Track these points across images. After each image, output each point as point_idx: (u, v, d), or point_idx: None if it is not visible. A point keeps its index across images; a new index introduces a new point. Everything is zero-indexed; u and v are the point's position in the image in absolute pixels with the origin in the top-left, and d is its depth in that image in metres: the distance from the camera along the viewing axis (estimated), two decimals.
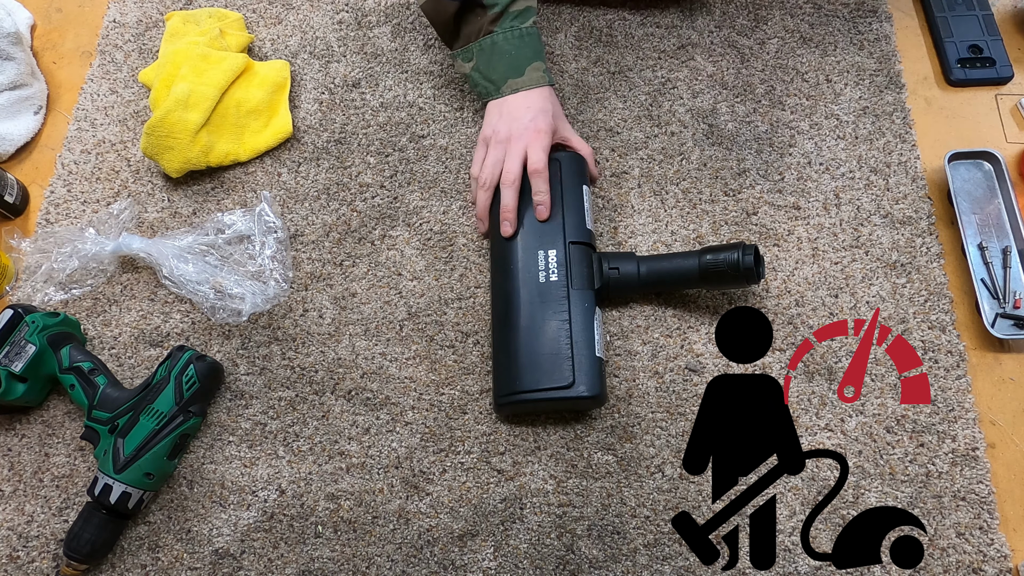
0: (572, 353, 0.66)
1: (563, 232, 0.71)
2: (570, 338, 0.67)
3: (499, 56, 0.74)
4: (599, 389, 0.65)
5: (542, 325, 0.68)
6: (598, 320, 0.69)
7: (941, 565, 0.64)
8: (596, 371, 0.66)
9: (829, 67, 0.85)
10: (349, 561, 0.67)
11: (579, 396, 0.65)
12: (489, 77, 0.75)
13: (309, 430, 0.72)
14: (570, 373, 0.65)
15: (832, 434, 0.69)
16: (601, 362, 0.67)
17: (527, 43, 0.74)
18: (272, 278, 0.76)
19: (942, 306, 0.73)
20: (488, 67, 0.74)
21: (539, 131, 0.72)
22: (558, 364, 0.66)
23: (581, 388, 0.65)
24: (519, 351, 0.68)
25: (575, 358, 0.66)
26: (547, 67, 0.76)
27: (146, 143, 0.79)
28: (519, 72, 0.74)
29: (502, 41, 0.73)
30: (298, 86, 0.88)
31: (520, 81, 0.74)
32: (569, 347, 0.66)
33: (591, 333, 0.67)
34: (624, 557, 0.66)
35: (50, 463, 0.71)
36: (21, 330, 0.70)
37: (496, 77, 0.74)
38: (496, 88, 0.74)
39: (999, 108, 0.84)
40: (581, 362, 0.66)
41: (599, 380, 0.66)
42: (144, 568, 0.68)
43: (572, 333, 0.67)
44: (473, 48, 0.75)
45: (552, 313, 0.68)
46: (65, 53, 0.93)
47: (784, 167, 0.80)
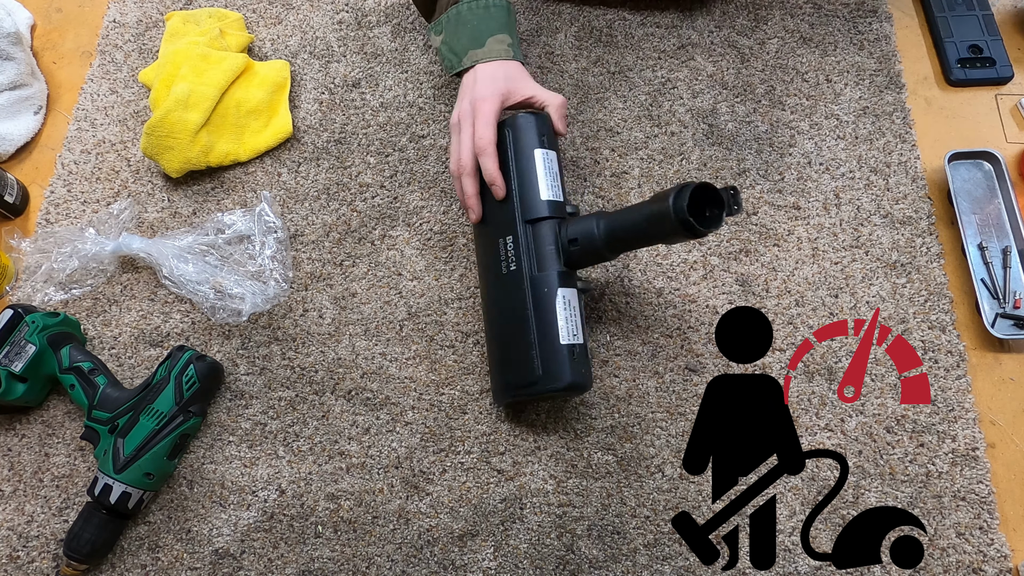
0: (536, 345, 0.63)
1: (517, 212, 0.66)
2: (532, 330, 0.63)
3: (463, 26, 0.72)
4: (568, 379, 0.61)
5: (509, 319, 0.65)
6: (565, 302, 0.63)
7: (941, 565, 0.64)
8: (562, 360, 0.62)
9: (829, 67, 0.85)
10: (349, 561, 0.67)
11: (549, 390, 0.62)
12: (453, 48, 0.73)
13: (309, 430, 0.72)
14: (537, 366, 0.62)
15: (832, 434, 0.69)
16: (569, 349, 0.62)
17: (492, 15, 0.72)
18: (272, 278, 0.76)
19: (942, 306, 0.73)
20: (453, 38, 0.73)
21: (483, 100, 0.68)
22: (526, 359, 0.63)
23: (548, 383, 0.62)
24: (495, 348, 0.68)
25: (539, 350, 0.62)
26: (516, 42, 0.73)
27: (146, 143, 0.79)
28: (480, 43, 0.71)
29: (466, 11, 0.72)
30: (298, 86, 0.88)
31: (480, 52, 0.71)
32: (533, 340, 0.63)
33: (553, 320, 0.62)
34: (624, 557, 0.66)
35: (50, 463, 0.71)
36: (21, 330, 0.70)
37: (459, 48, 0.72)
38: (458, 60, 0.72)
39: (999, 108, 0.84)
40: (546, 354, 0.62)
41: (566, 369, 0.62)
42: (144, 568, 0.68)
43: (534, 324, 0.63)
44: (443, 19, 0.74)
45: (515, 305, 0.65)
46: (65, 53, 0.93)
47: (784, 167, 0.80)
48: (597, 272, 0.76)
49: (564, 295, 0.63)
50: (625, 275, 0.76)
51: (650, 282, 0.76)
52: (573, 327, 0.63)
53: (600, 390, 0.72)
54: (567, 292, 0.64)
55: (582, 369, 0.63)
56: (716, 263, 0.76)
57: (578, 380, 0.62)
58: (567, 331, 0.63)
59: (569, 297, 0.64)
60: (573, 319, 0.63)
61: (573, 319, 0.63)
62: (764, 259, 0.76)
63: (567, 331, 0.63)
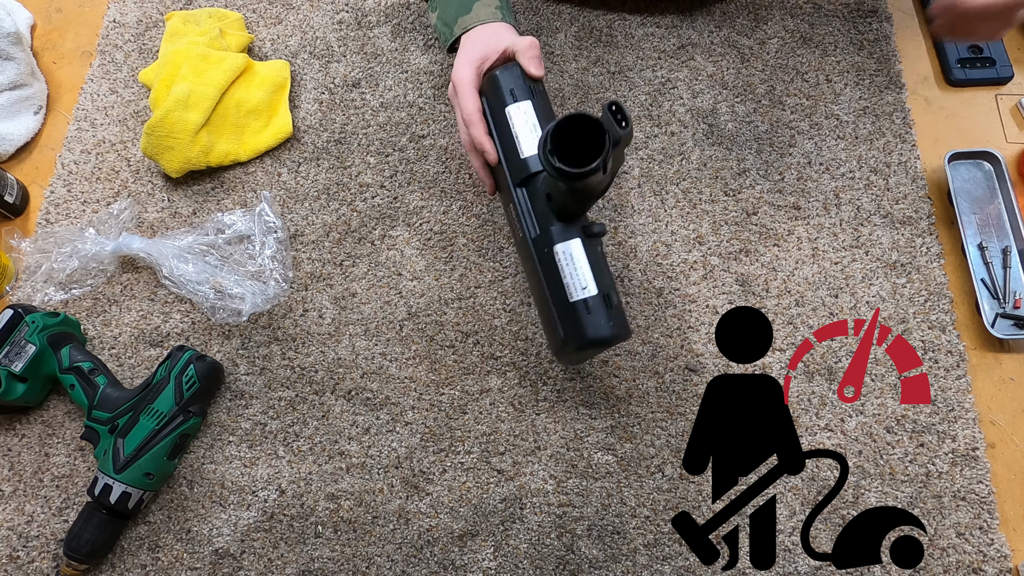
0: (553, 308, 0.61)
1: (507, 177, 0.64)
2: (547, 293, 0.61)
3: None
4: (588, 335, 0.58)
5: (533, 286, 0.64)
6: (566, 257, 0.60)
7: (941, 565, 0.64)
8: (577, 319, 0.59)
9: (829, 67, 0.85)
10: (349, 561, 0.67)
11: (578, 350, 0.60)
12: (445, 20, 0.72)
13: (309, 430, 0.72)
14: (560, 329, 0.60)
15: (832, 434, 0.69)
16: (581, 304, 0.59)
17: None
18: (272, 278, 0.76)
19: (942, 306, 0.73)
20: (445, 10, 0.72)
21: (458, 73, 0.66)
22: (552, 323, 0.61)
23: (573, 343, 0.60)
24: (538, 313, 0.67)
25: (556, 312, 0.60)
26: (505, 4, 0.71)
27: (146, 143, 0.79)
28: (467, 8, 0.70)
29: None
30: (298, 86, 0.88)
31: (468, 18, 0.70)
32: (550, 303, 0.61)
33: (558, 279, 0.60)
34: (624, 557, 0.66)
35: (50, 463, 0.71)
36: (21, 330, 0.70)
37: (449, 19, 0.71)
38: (450, 31, 0.71)
39: (999, 108, 0.84)
40: (563, 315, 0.60)
41: (582, 327, 0.58)
42: (144, 568, 0.68)
43: (546, 287, 0.61)
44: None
45: (531, 271, 0.63)
46: (65, 53, 0.93)
47: (784, 167, 0.80)
48: None
49: (562, 250, 0.60)
50: (625, 275, 0.76)
51: (650, 282, 0.76)
52: (580, 280, 0.59)
53: (600, 390, 0.72)
54: (564, 247, 0.60)
55: (601, 321, 0.58)
56: (716, 263, 0.76)
57: (599, 334, 0.58)
58: (574, 287, 0.59)
59: (568, 251, 0.60)
60: (578, 273, 0.59)
61: (578, 273, 0.59)
62: (764, 259, 0.76)
63: (574, 287, 0.59)
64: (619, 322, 0.60)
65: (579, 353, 0.62)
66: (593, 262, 0.60)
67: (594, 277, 0.59)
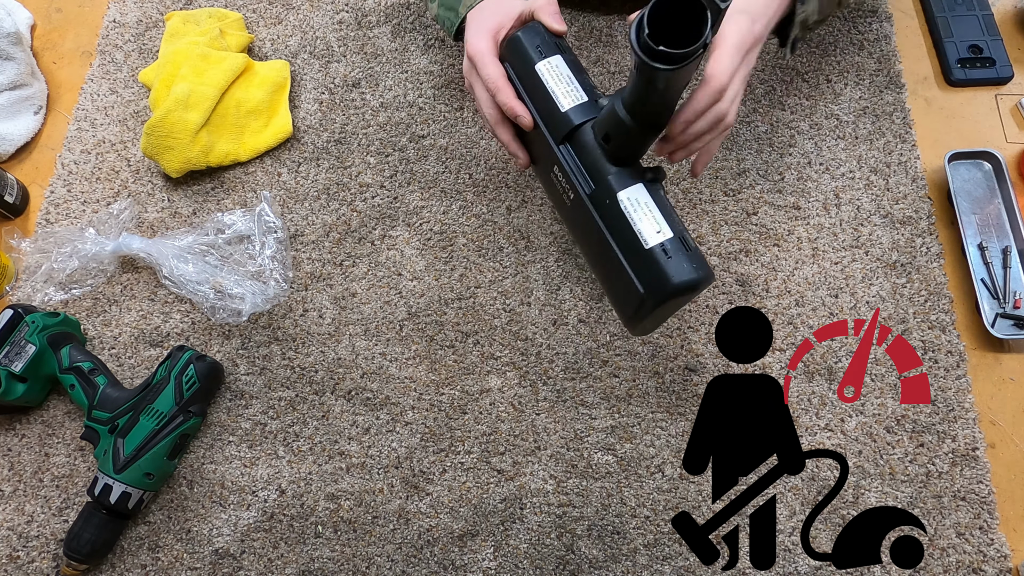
0: (625, 265, 0.56)
1: (549, 138, 0.60)
2: (615, 250, 0.56)
3: None
4: (674, 282, 0.53)
5: (595, 251, 0.59)
6: (633, 203, 0.56)
7: (941, 565, 0.64)
8: (657, 266, 0.54)
9: (829, 67, 0.85)
10: (349, 561, 0.67)
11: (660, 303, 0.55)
12: (448, 5, 0.69)
13: (309, 430, 0.72)
14: (637, 286, 0.55)
15: (832, 434, 0.69)
16: (660, 249, 0.54)
17: None
18: (272, 278, 0.76)
19: (942, 306, 0.73)
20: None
21: (474, 45, 0.62)
22: (626, 283, 0.56)
23: (656, 297, 0.55)
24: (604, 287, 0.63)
25: (631, 268, 0.56)
26: None
27: (146, 143, 0.79)
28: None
29: None
30: (298, 86, 0.88)
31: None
32: (620, 260, 0.56)
33: (628, 228, 0.55)
34: (624, 557, 0.66)
35: (50, 463, 0.71)
36: (21, 330, 0.70)
37: (453, 2, 0.68)
38: (456, 14, 0.68)
39: (999, 108, 0.84)
40: (639, 268, 0.55)
41: (666, 273, 0.54)
42: (144, 568, 0.68)
43: (613, 243, 0.56)
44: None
45: (590, 233, 0.59)
46: (65, 53, 0.93)
47: (784, 167, 0.80)
48: None
49: (627, 197, 0.56)
50: None
51: None
52: (653, 223, 0.55)
53: (600, 390, 0.72)
54: (629, 193, 0.56)
55: (684, 264, 0.54)
56: (716, 263, 0.76)
57: (685, 278, 0.53)
58: (647, 232, 0.55)
59: (634, 196, 0.56)
60: (649, 216, 0.55)
61: (649, 216, 0.55)
62: (764, 259, 0.76)
63: (647, 232, 0.55)
64: (701, 263, 0.55)
65: (662, 308, 0.57)
66: (660, 204, 0.56)
67: (666, 219, 0.55)
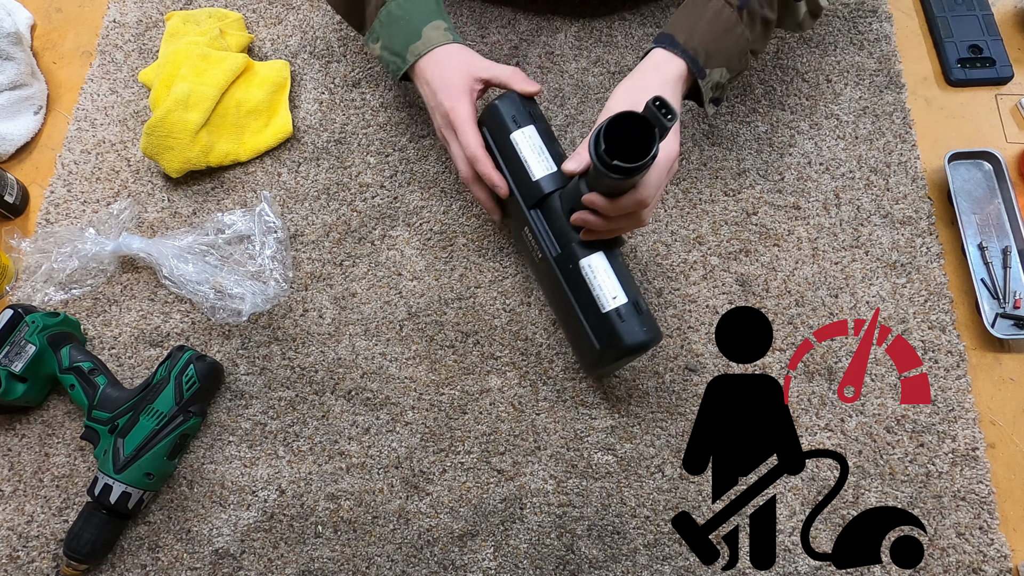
0: (584, 323, 0.63)
1: (520, 202, 0.66)
2: (576, 309, 0.64)
3: (395, 24, 0.70)
4: (626, 343, 0.60)
5: (558, 305, 0.67)
6: (591, 270, 0.63)
7: (941, 565, 0.64)
8: (612, 327, 0.61)
9: (829, 67, 0.85)
10: (349, 561, 0.67)
11: (615, 359, 0.63)
12: (392, 50, 0.70)
13: (309, 430, 0.72)
14: (594, 341, 0.63)
15: (832, 434, 0.69)
16: (614, 313, 0.61)
17: (420, 4, 0.69)
18: (272, 278, 0.76)
19: (942, 306, 0.73)
20: (389, 40, 0.70)
21: (452, 108, 0.66)
22: (585, 338, 0.64)
23: (610, 354, 0.62)
24: (565, 333, 0.71)
25: (589, 326, 0.63)
26: (452, 26, 0.70)
27: (146, 143, 0.79)
28: (416, 35, 0.69)
29: (395, 8, 0.69)
30: (298, 86, 0.88)
31: (419, 45, 0.68)
32: (580, 318, 0.63)
33: (587, 291, 0.62)
34: (624, 557, 0.66)
35: (50, 463, 0.71)
36: (21, 330, 0.70)
37: (398, 47, 0.70)
38: (403, 60, 0.70)
39: (999, 108, 0.84)
40: (596, 327, 0.62)
41: (619, 334, 0.61)
42: (144, 568, 0.68)
43: (575, 303, 0.64)
44: (376, 25, 0.71)
45: (555, 289, 0.66)
46: (65, 53, 0.93)
47: (784, 167, 0.80)
48: None
49: (588, 264, 0.62)
50: None
51: (650, 282, 0.76)
52: (610, 289, 0.62)
53: (600, 390, 0.72)
54: (590, 260, 0.63)
55: (635, 328, 0.61)
56: (716, 263, 0.76)
57: (636, 340, 0.60)
58: (605, 296, 0.61)
59: (595, 263, 0.62)
60: (608, 282, 0.62)
61: (608, 282, 0.62)
62: (764, 259, 0.76)
63: (605, 296, 0.61)
64: (652, 326, 0.62)
65: (616, 363, 0.64)
66: (617, 271, 0.62)
67: (621, 285, 0.62)
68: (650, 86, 0.62)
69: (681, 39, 0.64)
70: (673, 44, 0.63)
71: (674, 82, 0.63)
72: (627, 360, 0.65)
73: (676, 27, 0.65)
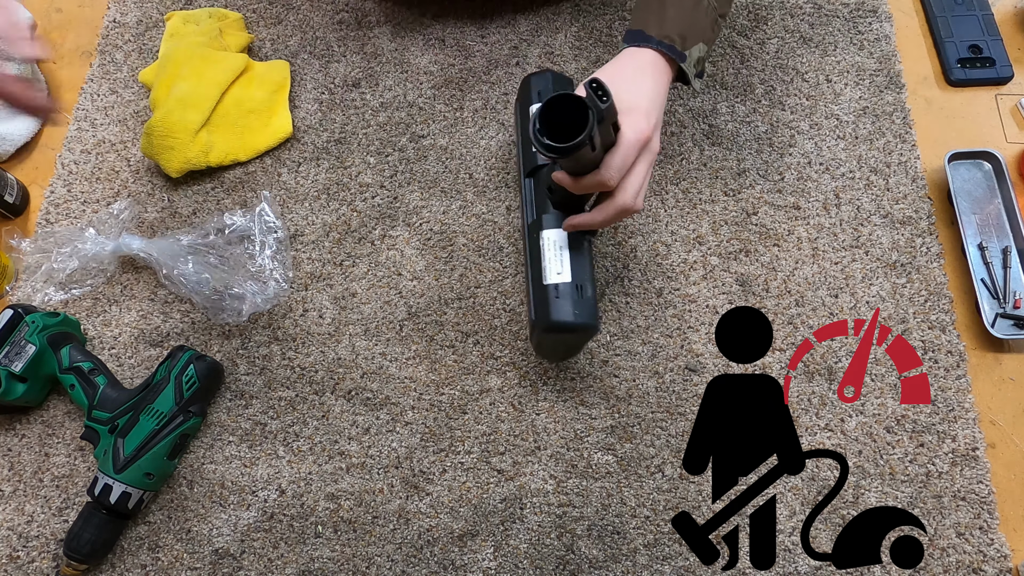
0: (530, 291, 0.64)
1: (520, 169, 0.69)
2: (528, 276, 0.65)
3: None
4: (550, 319, 0.61)
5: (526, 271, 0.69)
6: (549, 242, 0.63)
7: (941, 565, 0.64)
8: (545, 301, 0.61)
9: (829, 67, 0.85)
10: (349, 561, 0.67)
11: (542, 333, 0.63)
12: None
13: (309, 430, 0.72)
14: (531, 311, 0.64)
15: (832, 434, 0.69)
16: (552, 289, 0.61)
17: None
18: (272, 278, 0.76)
19: (942, 306, 0.73)
20: None
21: None
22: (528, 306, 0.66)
23: (539, 326, 0.62)
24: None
25: (532, 295, 0.64)
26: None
27: (146, 143, 0.79)
28: None
29: None
30: (298, 86, 0.88)
31: None
32: (528, 285, 0.65)
33: (539, 263, 0.63)
34: (624, 557, 0.66)
35: (50, 463, 0.71)
36: (21, 330, 0.70)
37: None
38: None
39: (999, 108, 0.84)
40: (535, 297, 0.63)
41: (548, 310, 0.61)
42: (144, 568, 0.68)
43: (529, 270, 0.65)
44: None
45: (525, 254, 0.69)
46: (65, 53, 0.93)
47: (784, 167, 0.80)
48: (597, 272, 0.76)
49: (547, 236, 0.63)
50: (625, 275, 0.76)
51: (650, 282, 0.76)
52: (557, 266, 0.62)
53: (600, 390, 0.72)
54: (551, 234, 0.63)
55: (567, 307, 0.61)
56: (716, 263, 0.76)
57: (562, 318, 0.60)
58: (550, 270, 0.62)
59: (554, 238, 0.63)
60: (558, 258, 0.62)
61: (558, 258, 0.62)
62: (764, 259, 0.76)
63: (550, 270, 0.62)
64: (585, 311, 0.61)
65: (546, 337, 0.64)
66: (576, 253, 0.63)
67: (572, 266, 0.62)
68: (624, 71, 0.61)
69: (653, 32, 0.62)
70: (646, 39, 0.62)
71: (652, 71, 0.62)
72: (566, 342, 0.65)
73: (644, 20, 0.63)
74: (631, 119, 0.57)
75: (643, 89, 0.59)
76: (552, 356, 0.72)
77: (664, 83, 0.62)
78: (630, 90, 0.58)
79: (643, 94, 0.59)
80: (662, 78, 0.62)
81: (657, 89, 0.61)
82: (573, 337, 0.65)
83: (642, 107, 0.58)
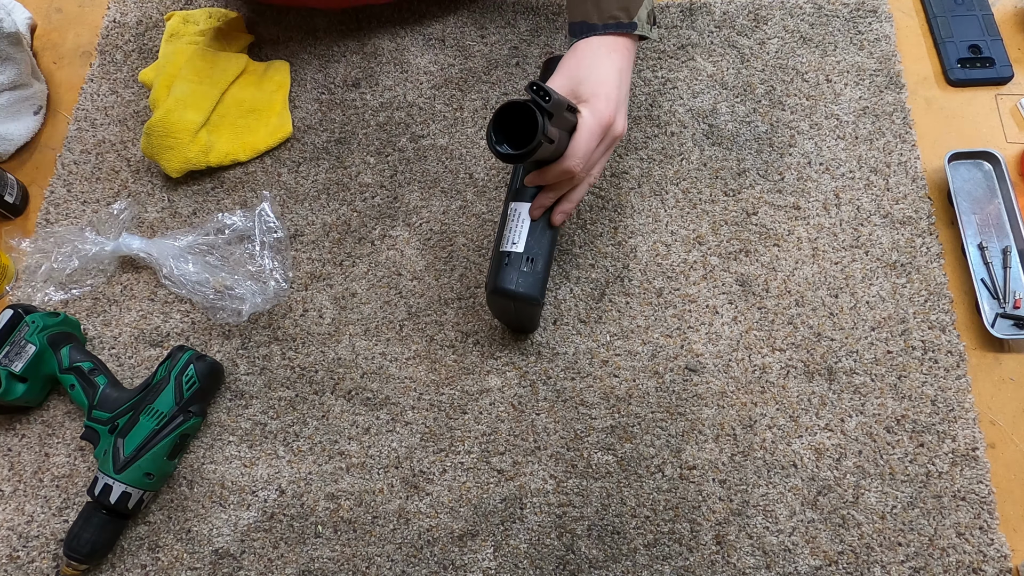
0: (491, 256, 0.66)
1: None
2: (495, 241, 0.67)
3: None
4: (492, 285, 0.63)
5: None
6: (514, 213, 0.65)
7: (941, 565, 0.64)
8: (495, 267, 0.64)
9: (829, 67, 0.85)
10: (349, 561, 0.67)
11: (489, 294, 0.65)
12: None
13: (309, 430, 0.72)
14: (488, 274, 0.65)
15: (832, 434, 0.69)
16: (504, 256, 0.64)
17: None
18: (272, 278, 0.76)
19: (942, 306, 0.73)
20: None
21: None
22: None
23: (487, 289, 0.65)
24: None
25: (491, 261, 0.65)
26: None
27: (146, 143, 0.79)
28: None
29: None
30: (298, 86, 0.88)
31: None
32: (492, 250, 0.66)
33: (501, 230, 0.65)
34: (624, 557, 0.66)
35: (50, 463, 0.71)
36: (21, 330, 0.70)
37: None
38: None
39: (999, 108, 0.84)
40: (492, 261, 0.65)
41: (494, 275, 0.63)
42: (144, 568, 0.68)
43: (496, 237, 0.66)
44: None
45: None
46: (65, 53, 0.93)
47: (784, 167, 0.80)
48: (597, 272, 0.76)
49: (514, 207, 0.65)
50: (625, 275, 0.76)
51: (650, 282, 0.76)
52: (514, 236, 0.64)
53: (600, 390, 0.72)
54: (518, 206, 0.65)
55: (513, 276, 0.63)
56: (716, 263, 0.76)
57: (506, 286, 0.62)
58: (507, 239, 0.64)
59: (520, 211, 0.65)
60: (517, 229, 0.64)
61: (517, 229, 0.64)
62: (764, 259, 0.76)
63: (507, 239, 0.64)
64: (533, 285, 0.63)
65: (492, 300, 0.66)
66: (537, 230, 0.65)
67: (527, 238, 0.64)
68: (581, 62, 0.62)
69: (595, 19, 0.62)
70: (591, 28, 0.62)
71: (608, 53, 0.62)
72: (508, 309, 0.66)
73: (583, 11, 0.63)
74: (592, 106, 0.58)
75: (601, 75, 0.60)
76: (504, 321, 0.73)
77: (623, 60, 0.62)
78: (589, 78, 0.60)
79: (601, 81, 0.60)
80: (619, 56, 0.62)
81: (616, 69, 0.62)
82: (515, 305, 0.66)
83: (601, 93, 0.59)
